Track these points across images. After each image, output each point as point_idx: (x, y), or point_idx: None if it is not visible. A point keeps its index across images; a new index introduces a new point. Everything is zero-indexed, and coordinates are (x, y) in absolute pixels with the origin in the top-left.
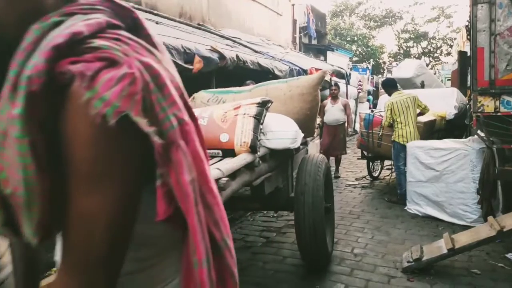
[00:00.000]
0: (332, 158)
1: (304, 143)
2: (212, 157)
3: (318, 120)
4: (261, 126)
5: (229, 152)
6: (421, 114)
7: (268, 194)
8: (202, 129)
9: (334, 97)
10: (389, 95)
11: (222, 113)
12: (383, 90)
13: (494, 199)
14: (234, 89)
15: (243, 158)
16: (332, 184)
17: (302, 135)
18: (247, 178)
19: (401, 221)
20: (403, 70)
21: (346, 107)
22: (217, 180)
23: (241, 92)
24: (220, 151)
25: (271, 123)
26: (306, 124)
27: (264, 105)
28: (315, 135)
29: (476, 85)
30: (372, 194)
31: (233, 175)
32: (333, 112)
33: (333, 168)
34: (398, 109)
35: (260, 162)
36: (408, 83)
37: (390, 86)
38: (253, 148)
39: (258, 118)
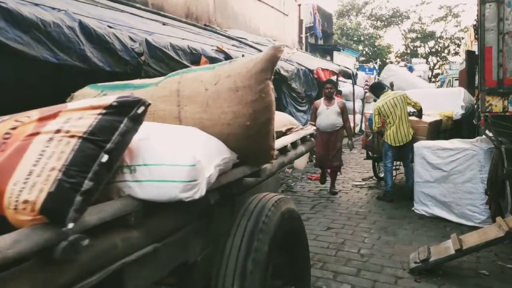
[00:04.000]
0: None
1: (255, 174)
2: None
3: (310, 130)
4: (105, 157)
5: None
6: (420, 113)
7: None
8: None
9: (329, 98)
10: (377, 97)
11: (5, 131)
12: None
13: (503, 199)
14: (135, 82)
15: None
16: (307, 246)
17: (212, 171)
18: None
19: (408, 221)
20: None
21: (343, 110)
22: None
23: (143, 87)
24: None
25: (148, 146)
26: (247, 144)
27: (124, 112)
28: (274, 162)
29: (484, 85)
30: (379, 195)
31: None
32: (327, 115)
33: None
34: (385, 111)
35: (83, 242)
36: None
37: (376, 89)
38: (54, 215)
39: (98, 141)
